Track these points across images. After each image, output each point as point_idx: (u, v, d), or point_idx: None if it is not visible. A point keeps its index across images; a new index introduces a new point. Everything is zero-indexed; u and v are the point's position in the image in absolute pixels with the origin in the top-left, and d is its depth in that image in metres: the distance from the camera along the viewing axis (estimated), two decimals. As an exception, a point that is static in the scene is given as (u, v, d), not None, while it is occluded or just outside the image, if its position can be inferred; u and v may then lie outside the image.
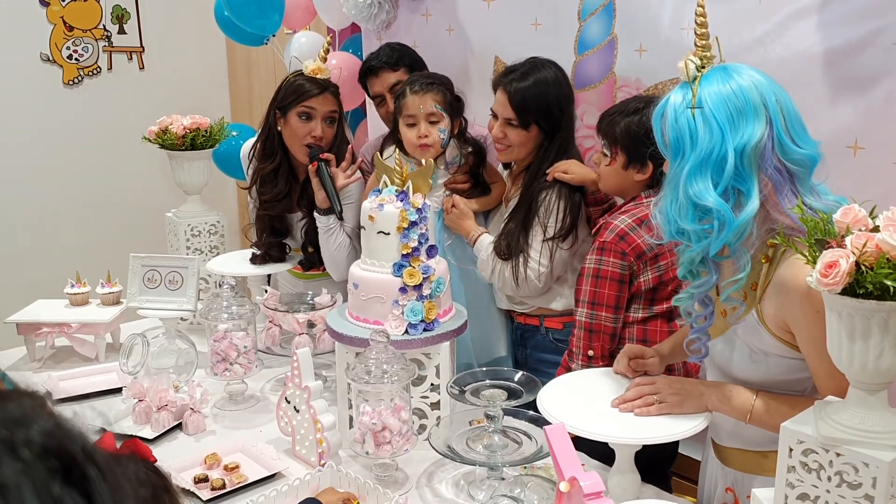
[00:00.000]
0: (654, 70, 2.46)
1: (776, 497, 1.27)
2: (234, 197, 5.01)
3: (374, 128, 3.43)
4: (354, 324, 2.02)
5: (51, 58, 4.52)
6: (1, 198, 4.39)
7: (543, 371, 2.27)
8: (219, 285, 2.37)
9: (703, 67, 1.50)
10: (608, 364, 2.12)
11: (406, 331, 1.95)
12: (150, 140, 3.00)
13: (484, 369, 1.94)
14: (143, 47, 4.79)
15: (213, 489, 1.82)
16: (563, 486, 1.36)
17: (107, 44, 4.69)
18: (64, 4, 4.51)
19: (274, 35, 3.47)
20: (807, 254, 1.19)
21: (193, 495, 1.81)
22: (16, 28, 4.38)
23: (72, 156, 4.58)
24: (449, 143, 2.50)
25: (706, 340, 1.66)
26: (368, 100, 3.03)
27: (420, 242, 1.97)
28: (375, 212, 1.96)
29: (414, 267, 1.95)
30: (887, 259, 1.10)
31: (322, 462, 1.89)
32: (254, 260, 2.77)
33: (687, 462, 2.41)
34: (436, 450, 1.77)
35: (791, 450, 1.23)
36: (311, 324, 2.35)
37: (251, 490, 1.83)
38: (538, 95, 2.31)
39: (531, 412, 1.83)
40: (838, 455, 1.18)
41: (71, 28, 4.56)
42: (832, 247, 1.15)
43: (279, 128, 2.61)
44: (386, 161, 2.17)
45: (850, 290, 1.12)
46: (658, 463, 2.11)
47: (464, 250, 2.52)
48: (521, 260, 2.33)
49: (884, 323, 1.12)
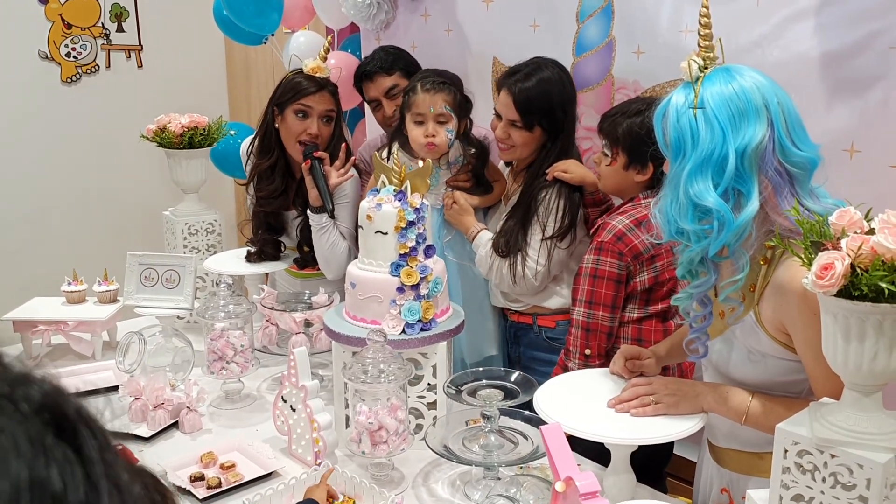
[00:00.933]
0: (653, 72, 2.47)
1: (771, 498, 1.27)
2: (232, 196, 5.01)
3: (373, 127, 3.43)
4: (351, 323, 2.02)
5: (49, 55, 4.52)
6: (-2, 195, 4.39)
7: (536, 369, 2.28)
8: (216, 284, 2.38)
9: (706, 68, 1.51)
10: (604, 363, 2.13)
11: (403, 330, 1.95)
12: (148, 138, 3.00)
13: (480, 369, 1.94)
14: (142, 46, 4.79)
15: (209, 488, 1.82)
16: (559, 486, 1.36)
17: (105, 42, 4.69)
18: (62, 2, 4.51)
19: (273, 34, 3.47)
20: (802, 256, 1.19)
21: (189, 494, 1.81)
22: (14, 25, 4.37)
23: (69, 154, 4.58)
24: (454, 144, 2.50)
25: (705, 340, 1.66)
26: (366, 100, 3.03)
27: (418, 242, 1.97)
28: (373, 211, 1.96)
29: (411, 266, 1.95)
30: (882, 261, 1.10)
31: (318, 461, 1.89)
32: (249, 258, 2.77)
33: (682, 462, 2.41)
34: (432, 449, 1.77)
35: (786, 451, 1.24)
36: (308, 323, 2.35)
37: (247, 489, 1.83)
38: (542, 97, 2.32)
39: (527, 412, 1.83)
40: (833, 456, 1.18)
41: (69, 26, 4.56)
42: (828, 249, 1.15)
43: (276, 125, 2.62)
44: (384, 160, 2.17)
45: (846, 292, 1.12)
46: (653, 463, 2.12)
47: (463, 247, 2.53)
48: (520, 258, 2.34)
49: (878, 325, 1.12)
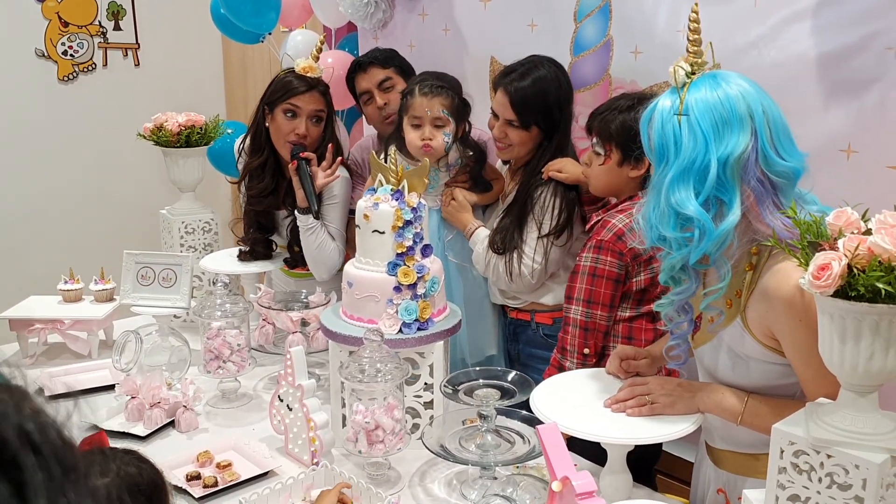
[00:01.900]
0: (650, 72, 2.47)
1: (767, 498, 1.27)
2: (228, 194, 5.00)
3: (370, 127, 3.43)
4: (348, 322, 2.02)
5: (46, 53, 4.51)
6: (-6, 193, 4.39)
7: (534, 366, 2.28)
8: (212, 283, 2.38)
9: (693, 74, 1.50)
10: (600, 362, 2.13)
11: (400, 330, 1.95)
12: (145, 137, 3.00)
13: (477, 368, 1.94)
14: (139, 44, 4.79)
15: (206, 487, 1.82)
16: (556, 486, 1.36)
17: (102, 40, 4.68)
18: (59, 0, 4.50)
19: (270, 33, 3.47)
20: (799, 256, 1.20)
21: (185, 493, 1.81)
22: (11, 23, 4.37)
23: (66, 152, 4.57)
24: (451, 147, 2.48)
25: (685, 347, 1.67)
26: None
27: (415, 241, 1.97)
28: (370, 210, 1.96)
29: (408, 266, 1.95)
30: (879, 262, 1.10)
31: (315, 461, 1.89)
32: (241, 256, 2.77)
33: (677, 462, 2.42)
34: (429, 449, 1.78)
35: (782, 451, 1.24)
36: (305, 322, 2.35)
37: (243, 488, 1.83)
38: (538, 96, 2.32)
39: (524, 412, 1.83)
40: (829, 456, 1.19)
41: (66, 24, 4.55)
42: (824, 249, 1.16)
43: (266, 124, 2.62)
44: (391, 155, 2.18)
45: (842, 293, 1.13)
46: (643, 462, 2.11)
47: (463, 247, 2.53)
48: (516, 255, 2.34)
49: (875, 325, 1.13)
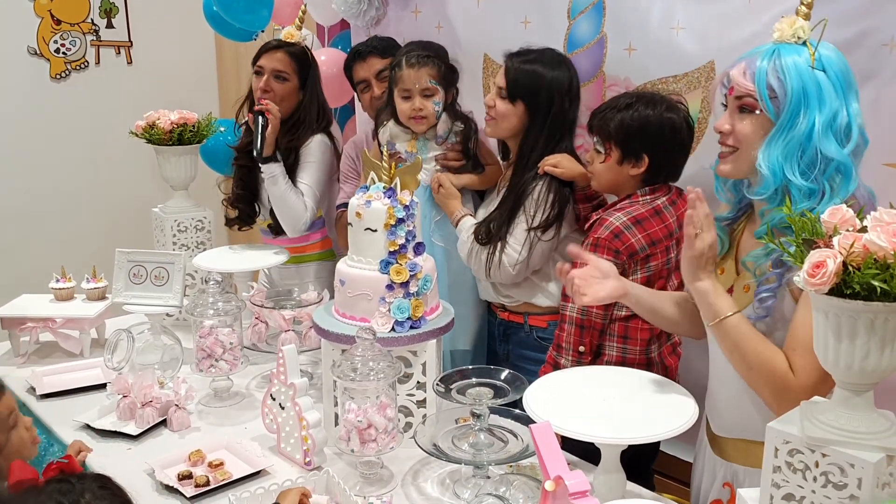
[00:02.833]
0: (644, 69, 2.46)
1: (762, 497, 1.27)
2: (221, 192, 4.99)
3: (364, 124, 3.42)
4: (341, 321, 2.01)
5: (38, 51, 4.49)
6: (-14, 191, 4.37)
7: (525, 368, 2.25)
8: (205, 281, 2.36)
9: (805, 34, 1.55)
10: (596, 360, 2.13)
11: (393, 328, 1.94)
12: (137, 135, 2.98)
13: (470, 367, 1.93)
14: (132, 42, 4.77)
15: (198, 486, 1.81)
16: (549, 485, 1.35)
17: (94, 38, 4.66)
18: (51, -2, 4.49)
19: (263, 31, 3.45)
20: (794, 253, 1.19)
21: (177, 492, 1.80)
22: (3, 21, 4.35)
23: (58, 150, 4.55)
24: (442, 115, 2.52)
25: (772, 301, 1.59)
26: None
27: (407, 239, 1.96)
28: (363, 208, 1.95)
29: (401, 264, 1.94)
30: (874, 259, 1.09)
31: (307, 459, 1.88)
32: (228, 223, 2.97)
33: (672, 461, 2.41)
34: (421, 448, 1.77)
35: (777, 450, 1.23)
36: (298, 320, 2.34)
37: (235, 487, 1.82)
38: (533, 73, 2.31)
39: (517, 410, 1.83)
40: (824, 455, 1.18)
41: (59, 22, 4.53)
42: (819, 247, 1.15)
43: (252, 86, 2.89)
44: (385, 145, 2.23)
45: (838, 291, 1.12)
46: (639, 461, 2.10)
47: (452, 231, 2.52)
48: (499, 246, 2.31)
49: (870, 323, 1.12)
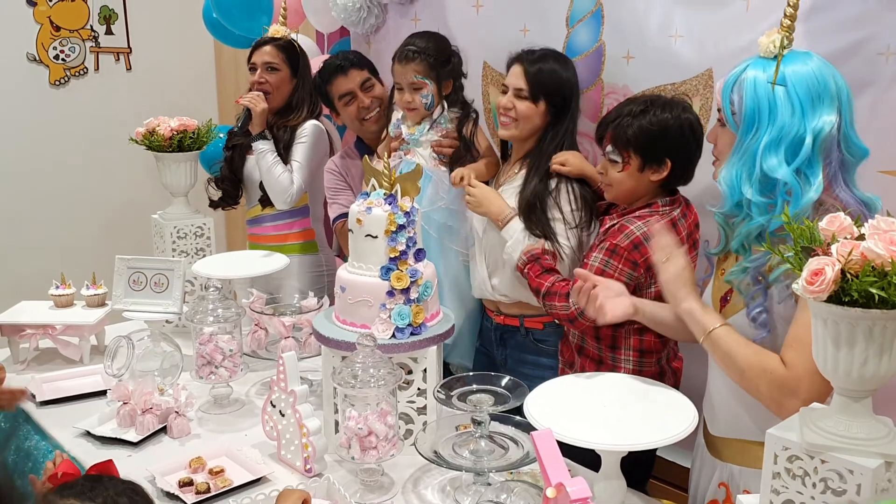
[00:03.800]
0: (642, 77, 2.47)
1: (761, 503, 1.27)
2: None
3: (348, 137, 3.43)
4: (341, 327, 2.01)
5: (37, 58, 4.49)
6: (-15, 198, 4.36)
7: (523, 372, 2.26)
8: (205, 288, 2.37)
9: (785, 48, 1.56)
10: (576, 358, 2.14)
11: (393, 334, 1.94)
12: (137, 141, 2.99)
13: (471, 374, 1.93)
14: (131, 48, 4.77)
15: (198, 493, 1.81)
16: (550, 492, 1.36)
17: (94, 44, 4.66)
18: (51, 4, 4.49)
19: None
20: (792, 261, 1.20)
21: (178, 499, 1.80)
22: (2, 28, 4.34)
23: (58, 156, 4.55)
24: (434, 105, 2.59)
25: (765, 317, 1.62)
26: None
27: (408, 246, 1.96)
28: (363, 215, 1.96)
29: (401, 270, 1.95)
30: (872, 267, 1.10)
31: (307, 467, 1.88)
32: (212, 204, 3.17)
33: (670, 466, 2.42)
34: (422, 455, 1.77)
35: (776, 456, 1.24)
36: (298, 327, 2.34)
37: (236, 494, 1.82)
38: (552, 72, 2.35)
39: (518, 417, 1.83)
40: (823, 462, 1.19)
41: (58, 28, 4.53)
42: (818, 254, 1.15)
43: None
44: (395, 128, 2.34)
45: (836, 298, 1.12)
46: (637, 467, 2.10)
47: (448, 221, 2.54)
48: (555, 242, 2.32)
49: (868, 331, 1.12)
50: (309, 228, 3.16)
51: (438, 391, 1.85)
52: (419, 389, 2.00)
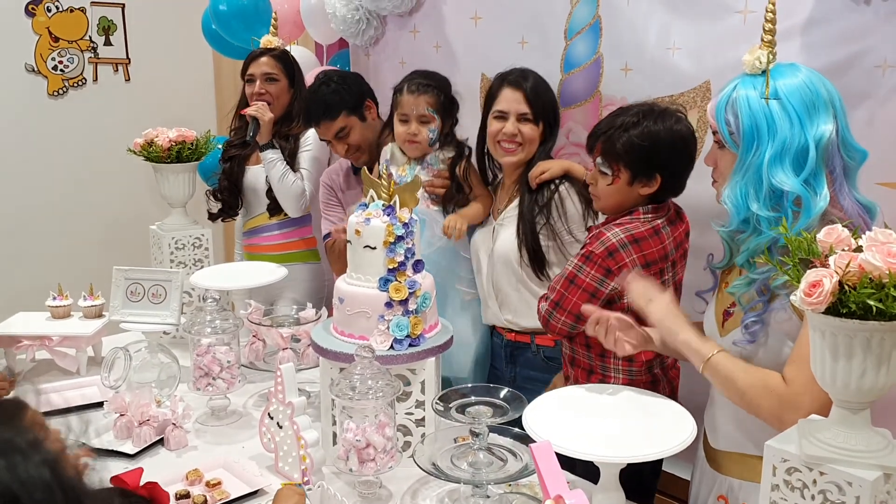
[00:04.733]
0: (640, 89, 2.48)
1: (760, 515, 1.27)
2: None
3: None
4: (339, 339, 2.01)
5: (36, 68, 4.50)
6: (-17, 208, 4.36)
7: (532, 390, 2.22)
8: (202, 299, 2.36)
9: (769, 62, 1.56)
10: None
11: (391, 346, 1.94)
12: (136, 152, 2.99)
13: (469, 385, 1.93)
14: (130, 59, 4.78)
15: (195, 505, 1.80)
16: (549, 504, 1.35)
17: (92, 55, 4.67)
18: (50, 15, 4.50)
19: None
20: (791, 273, 1.20)
21: (175, 511, 1.79)
22: (1, 38, 4.35)
23: (56, 167, 4.55)
24: (436, 141, 2.57)
25: (762, 327, 1.62)
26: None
27: (406, 257, 1.96)
28: (362, 226, 1.96)
29: (400, 282, 1.94)
30: (870, 279, 1.10)
31: (305, 479, 1.88)
32: (211, 216, 3.19)
33: (672, 479, 2.41)
34: (420, 467, 1.76)
35: (775, 468, 1.24)
36: (296, 338, 2.34)
37: (233, 506, 1.81)
38: (546, 90, 2.38)
39: (516, 429, 1.82)
40: (822, 474, 1.18)
41: (57, 39, 4.54)
42: (816, 266, 1.16)
43: (246, 92, 3.13)
44: (383, 165, 2.25)
45: (834, 310, 1.13)
46: (642, 480, 2.10)
47: (448, 263, 2.53)
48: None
49: (866, 342, 1.13)
50: (311, 237, 3.17)
51: (437, 403, 1.85)
52: (417, 401, 1.99)
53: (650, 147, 1.97)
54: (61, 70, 4.58)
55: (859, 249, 1.15)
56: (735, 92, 1.59)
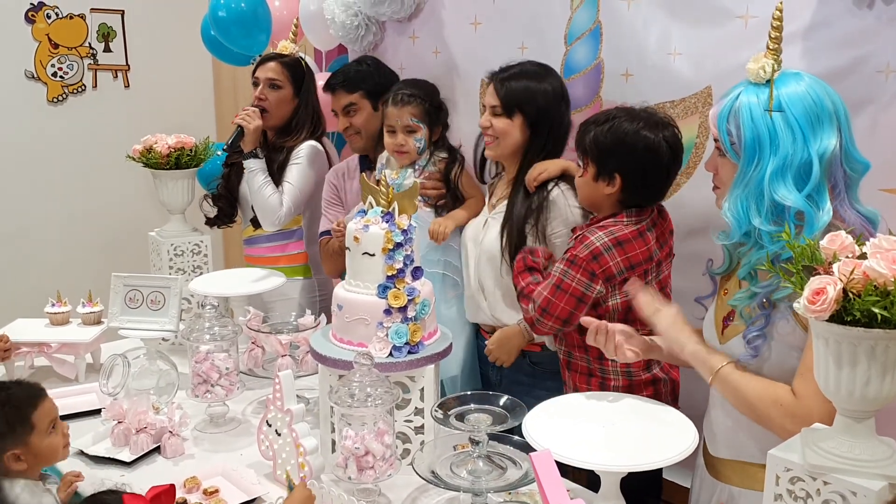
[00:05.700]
0: (641, 94, 2.46)
1: (763, 525, 1.26)
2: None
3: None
4: (338, 346, 2.00)
5: (35, 75, 4.50)
6: (-18, 215, 4.36)
7: (518, 394, 2.23)
8: (201, 306, 2.35)
9: (775, 71, 1.54)
10: (601, 388, 2.11)
11: (390, 353, 1.93)
12: (135, 159, 2.99)
13: (469, 393, 1.91)
14: (129, 66, 4.78)
15: (192, 514, 1.79)
16: (549, 514, 1.34)
17: (92, 62, 4.68)
18: (49, 22, 4.50)
19: (261, 55, 3.47)
20: (794, 280, 1.19)
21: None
22: (0, 45, 4.36)
23: (55, 173, 4.55)
24: (425, 150, 2.64)
25: (766, 340, 1.60)
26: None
27: (405, 264, 1.95)
28: (361, 233, 1.95)
29: (399, 289, 1.93)
30: (875, 286, 1.09)
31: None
32: (209, 222, 3.19)
33: (674, 488, 2.39)
34: (419, 475, 1.75)
35: (778, 477, 1.23)
36: (294, 345, 2.32)
37: (231, 515, 1.80)
38: (523, 85, 2.34)
39: (516, 437, 1.81)
40: (826, 483, 1.17)
41: (56, 46, 4.55)
42: (819, 273, 1.15)
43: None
44: (379, 170, 2.28)
45: (838, 318, 1.12)
46: (643, 488, 2.08)
47: (439, 258, 2.56)
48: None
49: (871, 350, 1.11)
50: (302, 252, 3.13)
51: (436, 410, 1.84)
52: (416, 409, 1.98)
53: (611, 145, 2.02)
54: (61, 77, 4.58)
55: (863, 256, 1.14)
56: (738, 101, 1.57)
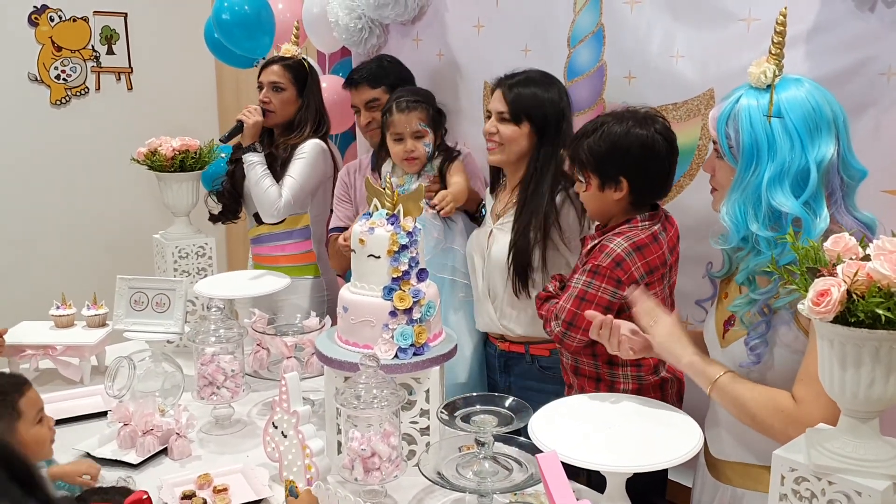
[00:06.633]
0: (643, 97, 2.47)
1: (768, 525, 1.27)
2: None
3: (364, 150, 3.44)
4: (343, 347, 2.00)
5: (38, 78, 4.51)
6: (-14, 217, 4.37)
7: (529, 399, 2.24)
8: (206, 308, 2.36)
9: (776, 76, 1.55)
10: (610, 391, 2.10)
11: (396, 355, 1.94)
12: (139, 161, 3.00)
13: (474, 394, 1.92)
14: (132, 68, 4.80)
15: (193, 508, 1.81)
16: (555, 514, 1.35)
17: (95, 64, 4.69)
18: (53, 25, 4.51)
19: (264, 58, 3.48)
20: (798, 282, 1.19)
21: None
22: (4, 48, 4.37)
23: (59, 176, 4.56)
24: (433, 154, 2.66)
25: (767, 347, 1.62)
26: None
27: (410, 266, 1.96)
28: (366, 235, 1.96)
29: (404, 290, 1.94)
30: (878, 288, 1.10)
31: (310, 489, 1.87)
32: (212, 218, 3.19)
33: (677, 488, 2.40)
34: (425, 476, 1.76)
35: (783, 477, 1.23)
36: (300, 347, 2.33)
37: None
38: (532, 93, 2.35)
39: (522, 438, 1.82)
40: (830, 483, 1.18)
41: (59, 48, 4.56)
42: (823, 275, 1.15)
43: None
44: (385, 176, 2.29)
45: (842, 319, 1.12)
46: (649, 489, 2.09)
47: (443, 260, 2.57)
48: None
49: (875, 352, 1.12)
50: (309, 251, 3.11)
51: (442, 412, 1.84)
52: (422, 410, 1.99)
53: (607, 151, 2.00)
54: (64, 79, 4.60)
55: (867, 258, 1.14)
56: (737, 105, 1.57)
